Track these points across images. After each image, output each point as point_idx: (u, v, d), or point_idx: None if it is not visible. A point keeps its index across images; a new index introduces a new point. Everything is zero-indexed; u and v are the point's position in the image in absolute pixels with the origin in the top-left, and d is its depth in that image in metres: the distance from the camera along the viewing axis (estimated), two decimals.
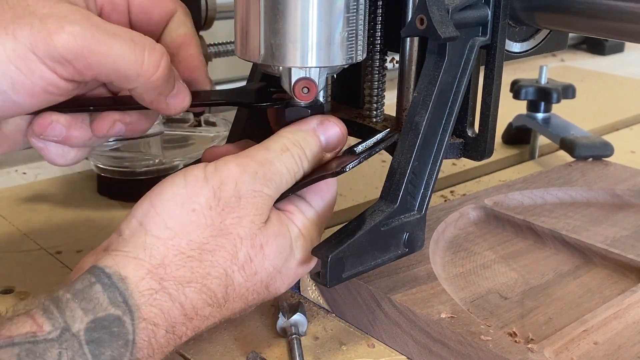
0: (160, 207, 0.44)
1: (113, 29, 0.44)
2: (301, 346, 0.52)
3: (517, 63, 1.32)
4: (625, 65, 1.51)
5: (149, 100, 0.47)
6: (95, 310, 0.40)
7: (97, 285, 0.40)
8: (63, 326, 0.39)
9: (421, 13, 0.47)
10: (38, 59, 0.42)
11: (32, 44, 0.42)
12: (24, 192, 0.81)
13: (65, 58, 0.42)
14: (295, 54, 0.46)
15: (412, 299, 0.53)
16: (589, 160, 0.85)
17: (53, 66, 0.43)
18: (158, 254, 0.43)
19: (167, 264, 0.43)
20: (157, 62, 0.45)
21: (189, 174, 0.45)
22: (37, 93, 0.44)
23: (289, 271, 0.48)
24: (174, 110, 0.49)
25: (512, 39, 0.57)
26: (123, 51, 0.44)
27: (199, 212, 0.44)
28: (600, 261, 0.62)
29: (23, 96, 0.43)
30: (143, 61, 0.44)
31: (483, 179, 0.89)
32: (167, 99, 0.48)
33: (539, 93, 0.92)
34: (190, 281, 0.43)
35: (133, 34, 0.45)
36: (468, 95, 0.53)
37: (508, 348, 0.48)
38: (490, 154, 0.54)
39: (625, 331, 0.53)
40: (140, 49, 0.44)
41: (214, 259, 0.44)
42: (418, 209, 0.51)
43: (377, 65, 0.58)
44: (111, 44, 0.43)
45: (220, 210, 0.44)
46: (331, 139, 0.50)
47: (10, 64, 0.42)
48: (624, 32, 0.52)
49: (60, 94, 0.45)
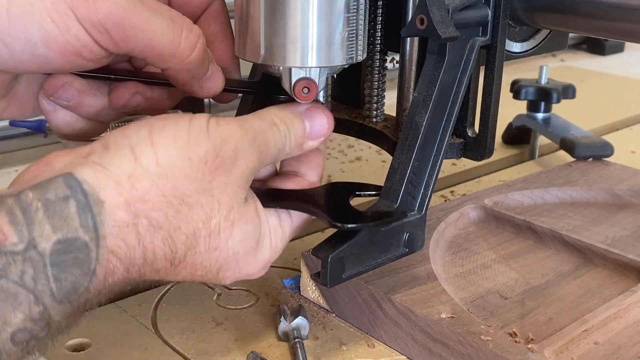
0: (157, 141, 0.40)
1: (155, 5, 0.43)
2: (305, 350, 0.52)
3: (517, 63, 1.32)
4: (625, 65, 1.51)
5: (182, 82, 0.46)
6: (64, 230, 0.37)
7: (71, 201, 0.37)
8: (29, 240, 0.35)
9: (421, 13, 0.47)
10: (77, 19, 0.41)
11: (74, 3, 0.41)
12: None
13: (104, 26, 0.41)
14: (296, 54, 0.46)
15: (412, 299, 0.53)
16: (589, 160, 0.85)
17: (90, 30, 0.42)
18: (141, 187, 0.39)
19: (147, 201, 0.39)
20: (193, 44, 0.44)
21: (194, 122, 0.42)
22: (68, 52, 0.42)
23: (245, 266, 0.46)
24: (207, 93, 0.48)
25: (512, 39, 0.57)
26: (162, 29, 0.43)
27: (193, 162, 0.41)
28: (600, 261, 0.62)
29: (53, 52, 0.42)
30: (180, 42, 0.44)
31: (483, 179, 0.89)
32: (201, 81, 0.47)
33: (539, 93, 0.92)
34: (161, 227, 0.40)
35: (173, 13, 0.44)
36: (468, 95, 0.53)
37: (508, 348, 0.48)
38: (490, 154, 0.54)
39: (626, 331, 0.53)
40: (178, 29, 0.44)
41: (190, 214, 0.41)
42: (418, 209, 0.51)
43: (377, 65, 0.58)
44: (151, 20, 0.42)
45: (214, 169, 0.42)
46: (316, 127, 0.48)
47: (46, 16, 0.41)
48: (624, 32, 0.52)
49: (91, 59, 0.44)
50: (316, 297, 0.59)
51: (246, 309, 0.58)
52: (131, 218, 0.39)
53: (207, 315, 0.57)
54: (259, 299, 0.60)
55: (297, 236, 0.53)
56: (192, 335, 0.55)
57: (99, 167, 0.39)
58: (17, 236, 0.35)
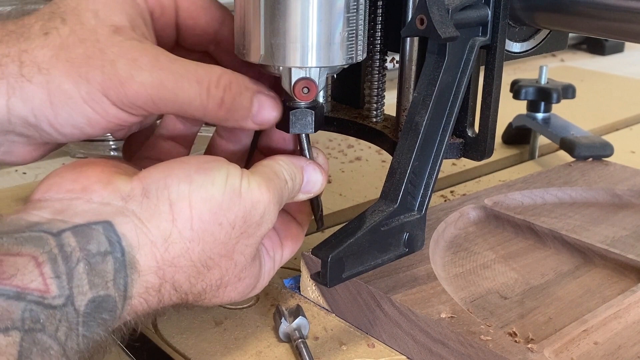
0: (195, 204, 0.42)
1: (180, 69, 0.44)
2: (309, 349, 0.52)
3: (517, 63, 1.32)
4: (625, 65, 1.52)
5: (228, 127, 0.48)
6: (99, 288, 0.38)
7: (109, 258, 0.39)
8: (68, 295, 0.37)
9: (421, 13, 0.47)
10: (111, 102, 0.44)
11: (105, 89, 0.43)
12: (24, 192, 0.81)
13: (136, 104, 0.44)
14: (295, 54, 0.46)
15: (412, 299, 0.53)
16: (589, 160, 0.85)
17: (125, 109, 0.44)
18: (173, 251, 0.42)
19: (175, 265, 0.42)
20: (220, 100, 0.45)
21: (230, 182, 0.43)
22: (111, 127, 0.45)
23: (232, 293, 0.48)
24: (261, 125, 0.48)
25: (512, 39, 0.57)
26: (188, 95, 0.44)
27: (223, 227, 0.43)
28: (600, 261, 0.62)
29: (97, 129, 0.45)
30: (207, 104, 0.45)
31: (483, 179, 0.89)
32: (250, 119, 0.47)
33: (539, 93, 0.92)
34: (180, 287, 0.43)
35: (199, 72, 0.45)
36: (468, 95, 0.53)
37: (508, 348, 0.48)
38: (490, 154, 0.54)
39: (625, 331, 0.53)
40: (205, 90, 0.45)
41: (208, 274, 0.44)
42: (418, 209, 0.51)
43: (377, 65, 0.58)
44: (177, 90, 0.44)
45: (240, 233, 0.44)
46: (311, 184, 0.50)
47: (85, 105, 0.44)
48: (624, 32, 0.52)
49: (133, 124, 0.47)
50: (316, 297, 0.59)
51: (246, 309, 0.58)
52: (158, 282, 0.42)
53: (207, 315, 0.57)
54: (259, 299, 0.60)
55: None
56: (192, 335, 0.55)
57: (138, 223, 0.41)
58: (58, 290, 0.37)
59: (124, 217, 0.41)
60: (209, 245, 0.43)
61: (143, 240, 0.41)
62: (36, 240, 0.37)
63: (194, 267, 0.43)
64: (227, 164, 0.44)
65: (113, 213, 0.40)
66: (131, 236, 0.40)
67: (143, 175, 0.42)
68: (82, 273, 0.38)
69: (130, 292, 0.40)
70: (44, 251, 0.37)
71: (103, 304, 0.39)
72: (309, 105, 0.49)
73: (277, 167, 0.47)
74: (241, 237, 0.44)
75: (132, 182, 0.42)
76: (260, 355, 0.53)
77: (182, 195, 0.42)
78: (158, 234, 0.41)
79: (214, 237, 0.43)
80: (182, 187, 0.42)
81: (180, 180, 0.42)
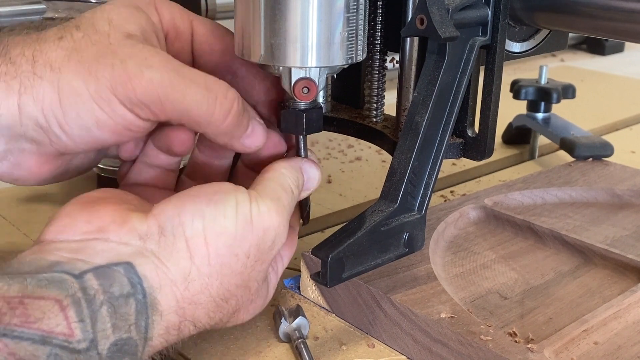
0: (210, 240, 0.43)
1: (190, 74, 0.45)
2: (309, 349, 0.52)
3: (517, 63, 1.32)
4: (625, 65, 1.51)
5: (221, 142, 0.48)
6: (122, 330, 0.39)
7: (131, 300, 0.39)
8: (91, 339, 0.37)
9: (421, 13, 0.47)
10: (119, 100, 0.44)
11: (113, 86, 0.43)
12: (24, 192, 0.81)
13: (143, 102, 0.44)
14: (295, 54, 0.46)
15: (412, 299, 0.53)
16: (589, 160, 0.85)
17: (132, 108, 0.44)
18: (193, 289, 0.42)
19: (195, 302, 0.42)
20: (227, 111, 0.45)
21: (240, 211, 0.44)
22: (119, 130, 0.45)
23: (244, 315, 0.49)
24: (248, 149, 0.49)
25: (512, 39, 0.57)
26: (196, 100, 0.44)
27: (239, 258, 0.44)
28: (600, 261, 0.62)
29: (105, 132, 0.45)
30: (214, 111, 0.45)
31: (483, 179, 0.89)
32: (241, 139, 0.48)
33: (539, 93, 0.92)
34: (199, 322, 0.44)
35: (208, 80, 0.45)
36: (468, 95, 0.53)
37: (508, 348, 0.48)
38: (490, 154, 0.54)
39: (625, 331, 0.53)
40: (213, 98, 0.45)
41: (226, 306, 0.45)
42: (418, 209, 0.51)
43: (377, 65, 0.58)
44: (186, 91, 0.44)
45: (254, 262, 0.45)
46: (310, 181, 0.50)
47: (94, 103, 0.44)
48: (624, 32, 0.52)
49: (137, 131, 0.46)
50: (316, 297, 0.59)
51: None
52: (178, 321, 0.42)
53: None
54: None
55: None
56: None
57: (158, 263, 0.41)
58: (82, 334, 0.37)
59: (143, 258, 0.41)
60: (227, 278, 0.44)
61: (164, 280, 0.41)
62: (59, 282, 0.38)
63: (214, 302, 0.43)
64: (235, 191, 0.45)
65: (133, 254, 0.41)
66: (152, 277, 0.41)
67: (157, 213, 0.43)
68: (105, 316, 0.38)
69: (152, 333, 0.40)
70: (67, 294, 0.37)
71: (125, 347, 0.39)
72: (315, 105, 0.49)
73: (282, 179, 0.48)
74: (256, 265, 0.45)
75: (148, 221, 0.42)
76: (260, 355, 0.53)
77: (196, 231, 0.43)
78: (178, 273, 0.42)
79: (231, 270, 0.44)
80: (196, 224, 0.43)
81: (194, 216, 0.43)
